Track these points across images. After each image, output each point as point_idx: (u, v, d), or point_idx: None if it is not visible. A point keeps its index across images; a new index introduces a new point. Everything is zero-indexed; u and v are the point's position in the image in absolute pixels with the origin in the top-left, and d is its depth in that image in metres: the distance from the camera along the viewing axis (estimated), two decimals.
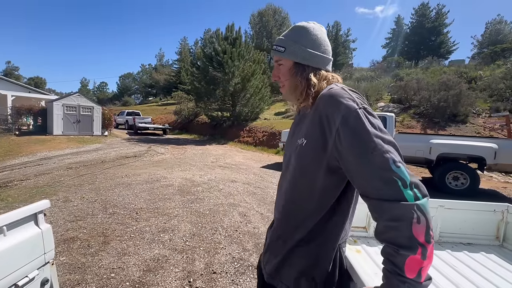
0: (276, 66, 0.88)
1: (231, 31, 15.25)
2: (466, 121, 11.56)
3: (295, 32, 0.85)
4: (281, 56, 0.85)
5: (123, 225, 3.23)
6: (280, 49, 0.84)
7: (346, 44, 36.56)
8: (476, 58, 26.95)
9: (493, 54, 21.79)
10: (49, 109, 13.60)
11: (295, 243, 0.81)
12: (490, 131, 10.38)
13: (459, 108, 11.65)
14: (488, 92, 13.47)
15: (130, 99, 43.52)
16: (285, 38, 0.85)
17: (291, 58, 0.83)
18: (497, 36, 31.50)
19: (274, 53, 0.87)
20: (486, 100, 13.01)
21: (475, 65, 19.85)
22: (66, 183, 5.05)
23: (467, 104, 11.77)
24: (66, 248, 2.64)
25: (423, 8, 33.77)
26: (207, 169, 6.91)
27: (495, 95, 13.02)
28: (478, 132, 10.70)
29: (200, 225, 3.36)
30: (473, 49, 35.30)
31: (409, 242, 0.58)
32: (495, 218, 1.56)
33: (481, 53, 27.80)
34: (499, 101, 12.43)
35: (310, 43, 0.82)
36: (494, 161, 5.42)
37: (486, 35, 33.57)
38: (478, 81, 15.00)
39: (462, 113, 11.65)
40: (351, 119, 0.67)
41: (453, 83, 12.47)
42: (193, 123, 20.44)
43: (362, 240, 1.51)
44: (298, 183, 0.80)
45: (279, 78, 0.87)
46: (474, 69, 17.68)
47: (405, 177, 0.61)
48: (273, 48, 0.87)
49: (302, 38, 0.83)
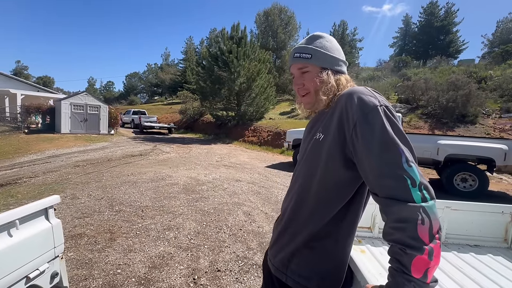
0: (299, 74, 0.87)
1: (237, 31, 15.27)
2: (475, 121, 11.34)
3: (317, 40, 0.87)
4: (307, 63, 0.85)
5: (129, 223, 3.28)
6: (306, 56, 0.85)
7: (353, 44, 36.19)
8: (486, 58, 26.38)
9: (504, 53, 21.28)
10: (57, 107, 13.85)
11: (309, 238, 0.80)
12: (500, 132, 10.16)
13: (468, 108, 11.44)
14: (499, 92, 13.18)
15: (136, 98, 43.96)
16: (309, 45, 0.86)
17: (318, 64, 0.84)
18: (509, 35, 30.76)
19: (298, 61, 0.86)
20: (497, 101, 12.73)
21: (485, 65, 19.45)
22: (74, 181, 5.14)
23: (477, 104, 11.54)
24: (73, 244, 2.70)
25: (432, 6, 33.22)
26: (212, 168, 6.95)
27: (506, 95, 12.74)
28: (488, 133, 10.49)
29: (205, 223, 3.38)
30: (483, 48, 34.57)
31: (415, 242, 0.59)
32: (503, 220, 1.54)
33: (492, 52, 27.20)
34: (510, 101, 12.15)
35: (331, 49, 0.86)
36: (504, 163, 5.31)
37: (497, 34, 32.80)
38: (488, 81, 14.69)
39: (471, 114, 11.43)
40: (371, 115, 0.68)
41: (462, 83, 12.24)
42: (198, 122, 20.56)
43: (367, 240, 1.51)
44: (312, 177, 0.80)
45: (303, 85, 0.86)
46: (484, 69, 17.32)
47: (416, 177, 0.62)
48: (296, 56, 0.86)
49: (324, 44, 0.86)
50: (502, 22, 33.74)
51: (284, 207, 0.91)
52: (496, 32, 33.41)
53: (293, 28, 32.86)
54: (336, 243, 0.79)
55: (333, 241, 0.79)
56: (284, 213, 0.90)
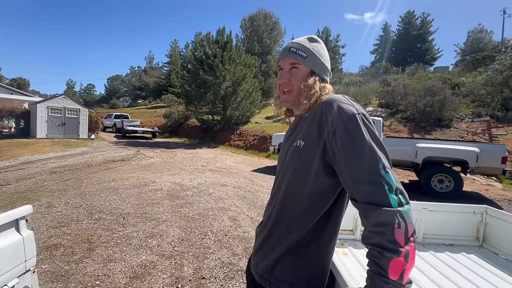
0: (288, 69, 0.86)
1: (222, 35, 15.29)
2: (450, 125, 11.97)
3: (315, 43, 0.88)
4: (301, 61, 0.84)
5: (109, 231, 3.15)
6: (302, 54, 0.85)
7: (336, 50, 37.24)
8: (459, 65, 28.07)
9: (474, 61, 22.75)
10: (32, 111, 13.16)
11: (292, 245, 0.80)
12: (472, 135, 10.78)
13: (444, 113, 12.06)
14: (471, 98, 14.01)
15: (118, 102, 42.70)
16: (308, 46, 0.86)
17: (310, 66, 0.85)
18: (478, 44, 33.00)
19: (293, 55, 0.85)
20: (469, 106, 13.52)
21: (458, 72, 20.65)
22: (50, 188, 4.89)
23: (451, 109, 12.20)
24: (48, 255, 2.55)
25: (409, 16, 34.96)
26: (197, 173, 6.84)
27: (477, 101, 13.56)
28: (461, 136, 11.09)
29: (189, 230, 3.32)
30: (456, 56, 36.91)
31: (393, 245, 0.61)
32: (475, 219, 1.62)
33: (464, 60, 29.02)
34: (480, 106, 12.94)
35: (324, 57, 0.88)
36: (476, 164, 5.62)
37: (468, 44, 35.11)
38: (461, 87, 15.59)
39: (446, 118, 12.06)
40: (349, 123, 0.70)
41: (438, 89, 12.92)
42: (183, 126, 20.24)
43: (349, 242, 1.54)
44: (294, 184, 0.81)
45: (288, 81, 0.85)
46: (457, 76, 18.39)
47: (392, 182, 0.65)
48: (292, 50, 0.85)
49: (321, 50, 0.88)
50: (472, 33, 36.14)
51: (268, 214, 0.91)
52: (467, 42, 35.73)
53: (278, 34, 33.35)
54: (319, 248, 0.80)
55: (316, 247, 0.80)
56: (268, 220, 0.89)
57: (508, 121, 11.51)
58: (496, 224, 1.55)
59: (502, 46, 27.70)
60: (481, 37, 34.38)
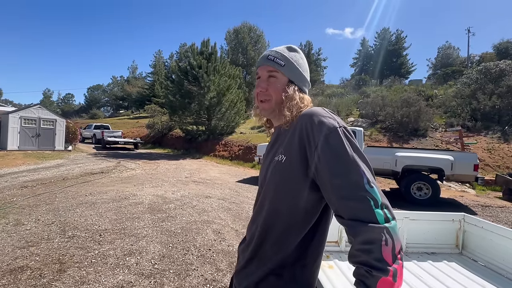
0: (266, 77, 0.84)
1: (207, 46, 15.40)
2: (426, 135, 12.59)
3: (293, 52, 0.86)
4: (279, 69, 0.82)
5: (84, 250, 2.94)
6: (280, 62, 0.82)
7: (318, 62, 38.60)
8: (431, 79, 29.99)
9: (445, 75, 24.40)
10: (3, 121, 12.38)
11: (277, 265, 0.76)
12: (446, 144, 11.36)
13: (419, 123, 12.70)
14: (443, 109, 14.89)
15: (99, 112, 41.26)
16: (286, 55, 0.84)
17: (288, 75, 0.83)
18: (448, 59, 35.48)
19: (271, 64, 0.83)
20: (442, 116, 14.34)
21: (431, 85, 22.01)
22: (19, 204, 4.54)
23: (426, 119, 12.87)
24: (12, 279, 2.32)
25: (385, 32, 37.20)
26: (180, 184, 6.65)
27: (449, 112, 14.43)
28: (436, 145, 11.67)
29: (171, 245, 3.17)
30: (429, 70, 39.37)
31: (381, 264, 0.58)
32: (454, 227, 1.67)
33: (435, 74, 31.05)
34: (452, 117, 13.77)
35: (303, 67, 0.87)
36: (451, 172, 5.90)
37: (439, 59, 37.64)
38: (434, 99, 16.55)
39: (422, 128, 12.69)
40: (331, 137, 0.68)
41: (413, 101, 13.63)
42: (166, 137, 19.82)
43: (335, 255, 1.52)
44: (278, 201, 0.78)
45: (266, 90, 0.83)
46: (430, 88, 19.57)
47: (377, 197, 0.63)
48: (270, 58, 0.83)
49: (299, 60, 0.86)
50: (441, 49, 38.83)
51: (251, 232, 0.87)
52: (437, 57, 38.30)
53: (262, 46, 34.11)
54: (304, 268, 0.77)
55: (301, 266, 0.77)
56: (251, 239, 0.85)
57: (478, 130, 12.30)
58: (473, 231, 1.59)
59: (468, 61, 29.98)
60: (449, 53, 37.02)
